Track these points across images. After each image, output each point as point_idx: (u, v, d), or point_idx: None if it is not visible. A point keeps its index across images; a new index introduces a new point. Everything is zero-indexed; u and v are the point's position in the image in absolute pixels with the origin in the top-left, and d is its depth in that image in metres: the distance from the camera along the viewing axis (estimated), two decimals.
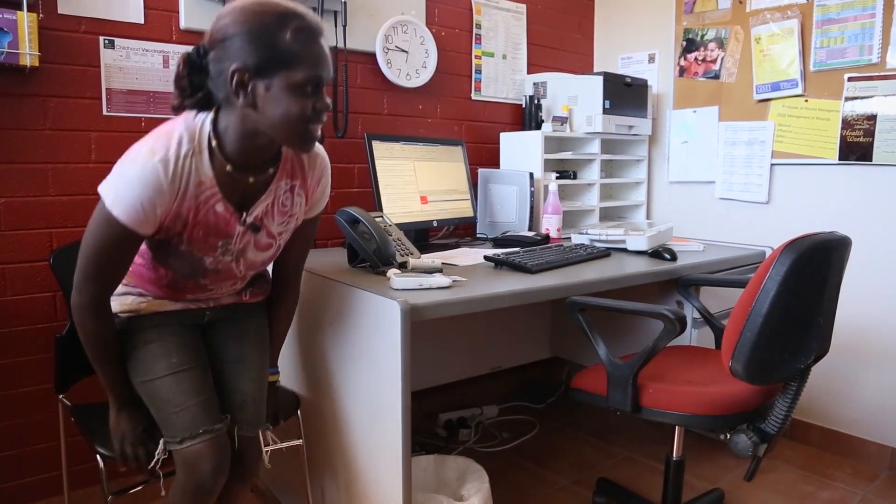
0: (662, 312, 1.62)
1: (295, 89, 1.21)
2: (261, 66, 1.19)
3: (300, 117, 1.24)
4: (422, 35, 2.73)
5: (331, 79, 1.30)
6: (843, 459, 2.62)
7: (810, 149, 2.65)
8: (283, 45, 1.19)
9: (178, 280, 1.46)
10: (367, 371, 1.67)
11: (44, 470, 2.07)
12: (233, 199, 1.35)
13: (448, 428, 2.81)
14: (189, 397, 1.45)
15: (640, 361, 1.67)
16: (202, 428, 1.44)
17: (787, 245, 1.50)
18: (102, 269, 1.31)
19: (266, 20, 1.19)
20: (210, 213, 1.33)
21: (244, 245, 1.43)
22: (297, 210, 1.50)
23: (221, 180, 1.32)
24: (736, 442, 1.68)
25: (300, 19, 1.21)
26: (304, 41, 1.20)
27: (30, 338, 2.01)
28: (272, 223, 1.45)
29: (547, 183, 2.71)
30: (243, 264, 1.48)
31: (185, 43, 2.19)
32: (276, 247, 1.52)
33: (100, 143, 2.06)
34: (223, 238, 1.38)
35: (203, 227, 1.34)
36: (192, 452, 1.43)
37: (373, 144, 2.34)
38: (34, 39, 1.81)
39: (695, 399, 1.66)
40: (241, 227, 1.39)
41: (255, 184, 1.37)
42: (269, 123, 1.25)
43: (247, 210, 1.39)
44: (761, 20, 2.77)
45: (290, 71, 1.20)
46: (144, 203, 1.23)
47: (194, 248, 1.37)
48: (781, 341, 1.56)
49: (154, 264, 1.44)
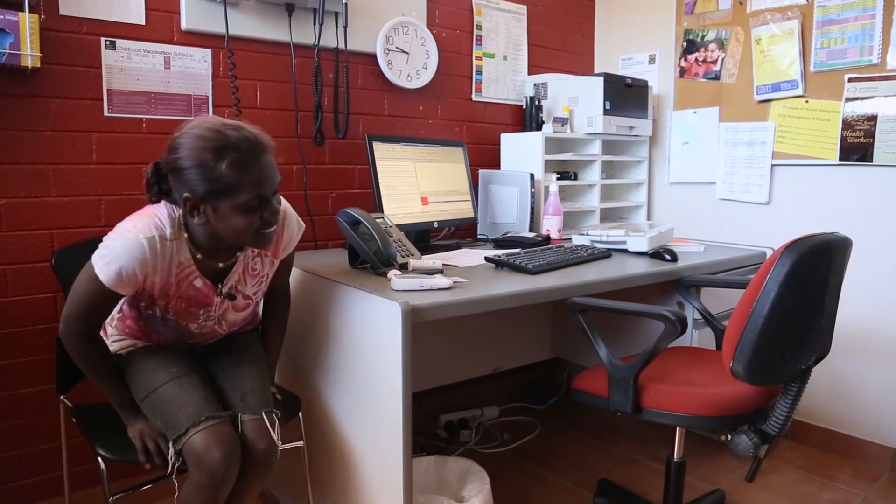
0: (663, 313, 1.62)
1: (241, 209, 1.37)
2: (207, 195, 1.35)
3: (249, 230, 1.40)
4: (422, 36, 2.74)
5: (276, 186, 1.43)
6: (845, 460, 2.62)
7: (811, 149, 2.65)
8: (223, 177, 1.33)
9: (170, 335, 1.62)
10: (367, 372, 1.67)
11: (45, 471, 2.07)
12: (209, 274, 1.53)
13: (449, 429, 2.81)
14: (190, 395, 1.52)
15: (641, 362, 1.67)
16: (205, 415, 1.48)
17: (787, 246, 1.50)
18: (87, 313, 1.46)
19: (205, 157, 1.33)
20: (190, 288, 1.51)
21: (223, 311, 1.61)
22: (266, 270, 1.66)
23: (197, 261, 1.50)
24: (737, 443, 1.68)
25: (234, 151, 1.34)
26: (240, 170, 1.34)
27: (31, 339, 2.01)
28: (245, 287, 1.63)
29: (548, 184, 2.71)
30: (225, 325, 1.67)
31: (186, 44, 2.19)
32: (254, 304, 1.69)
33: (101, 144, 2.07)
34: (203, 308, 1.56)
35: (185, 300, 1.52)
36: (200, 443, 1.44)
37: (373, 145, 2.34)
38: (35, 40, 1.81)
39: (696, 400, 1.66)
40: (219, 298, 1.57)
41: (226, 265, 1.55)
42: (224, 236, 1.43)
43: (221, 282, 1.57)
44: (762, 21, 2.77)
45: (233, 197, 1.35)
46: (127, 272, 1.39)
47: (179, 319, 1.55)
48: (782, 342, 1.56)
49: (147, 331, 1.62)
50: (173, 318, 1.54)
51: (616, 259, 2.26)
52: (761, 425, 1.68)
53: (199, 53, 2.23)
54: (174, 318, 1.54)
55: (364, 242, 1.87)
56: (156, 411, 1.53)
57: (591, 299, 1.76)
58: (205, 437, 1.45)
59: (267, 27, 2.34)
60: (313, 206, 2.53)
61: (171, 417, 1.49)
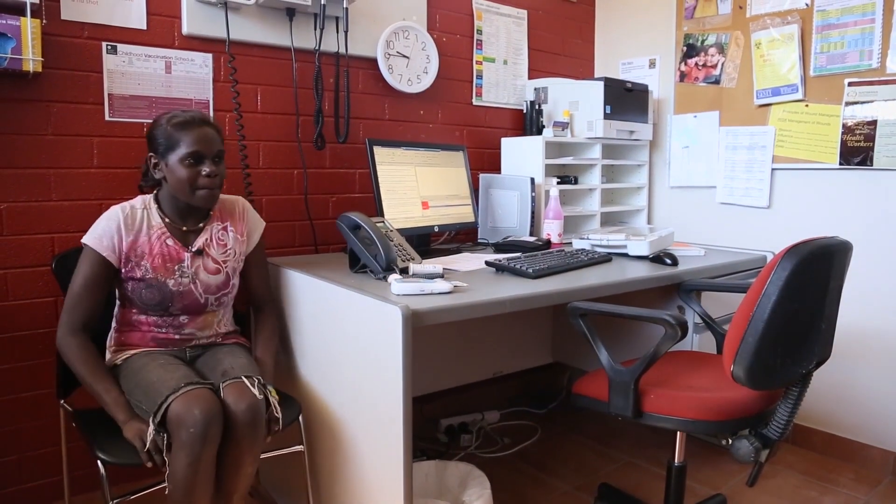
0: (664, 317, 1.61)
1: (182, 161, 1.70)
2: (160, 151, 1.72)
3: (189, 181, 1.71)
4: (423, 41, 2.74)
5: (213, 152, 1.73)
6: (846, 465, 2.61)
7: (811, 153, 2.65)
8: (171, 135, 1.70)
9: (158, 323, 1.79)
10: (368, 376, 1.67)
11: (45, 475, 2.07)
12: (178, 236, 1.80)
13: (449, 433, 2.81)
14: (173, 374, 1.63)
15: (642, 367, 1.67)
16: (185, 382, 1.57)
17: (787, 250, 1.50)
18: (79, 299, 1.69)
19: (162, 121, 1.73)
20: (163, 246, 1.77)
21: (195, 269, 1.81)
22: (234, 245, 1.89)
23: (166, 224, 1.79)
24: (738, 447, 1.68)
25: (180, 117, 1.72)
26: (182, 129, 1.70)
27: (31, 343, 2.01)
28: (213, 251, 1.84)
29: (548, 188, 2.71)
30: (200, 286, 1.81)
31: (186, 49, 2.20)
32: (224, 273, 1.86)
33: (102, 149, 2.07)
34: (177, 263, 1.78)
35: (160, 256, 1.75)
36: (180, 405, 1.51)
37: (374, 150, 2.35)
38: (37, 45, 1.82)
39: (696, 404, 1.66)
40: (189, 254, 1.80)
41: (194, 230, 1.82)
42: (174, 188, 1.73)
43: (191, 244, 1.82)
44: (761, 25, 2.78)
45: (175, 151, 1.70)
46: (107, 231, 1.70)
47: (157, 274, 1.75)
48: (783, 346, 1.55)
49: (135, 314, 1.79)
50: (152, 276, 1.74)
51: (616, 263, 2.26)
52: (762, 429, 1.68)
53: (201, 58, 2.23)
54: (153, 275, 1.74)
55: (365, 247, 1.87)
56: (143, 394, 1.61)
57: (592, 303, 1.76)
58: (184, 399, 1.52)
59: (268, 32, 2.35)
60: (314, 211, 2.54)
61: (155, 394, 1.57)
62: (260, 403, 1.62)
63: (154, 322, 1.79)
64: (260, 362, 1.85)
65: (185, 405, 1.51)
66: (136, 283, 1.74)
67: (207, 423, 1.50)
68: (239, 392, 1.61)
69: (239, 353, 1.82)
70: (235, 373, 1.68)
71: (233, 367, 1.71)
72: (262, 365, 1.85)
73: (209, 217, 1.86)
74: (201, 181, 1.72)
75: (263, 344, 1.92)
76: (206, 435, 1.50)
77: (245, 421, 1.59)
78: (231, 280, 1.88)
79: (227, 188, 2.32)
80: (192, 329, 1.84)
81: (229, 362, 1.75)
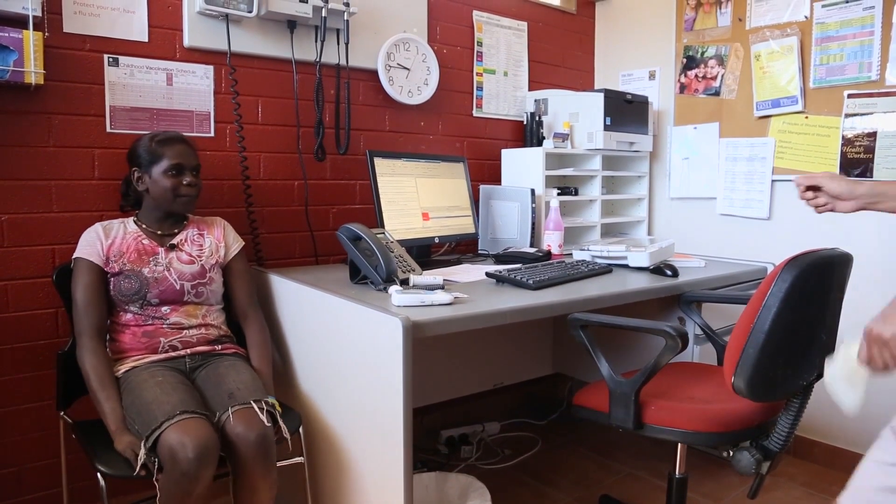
0: (664, 329, 1.61)
1: (165, 173, 1.85)
2: (144, 165, 1.87)
3: (172, 191, 1.85)
4: (423, 52, 2.75)
5: (192, 165, 1.89)
6: (847, 477, 2.59)
7: (811, 165, 2.66)
8: (152, 151, 1.85)
9: (141, 317, 1.83)
10: (368, 388, 1.66)
11: (44, 487, 2.06)
12: (153, 238, 1.91)
13: (450, 445, 2.80)
14: (170, 396, 1.62)
15: (643, 378, 1.66)
16: (180, 409, 1.56)
17: (788, 262, 1.50)
18: (84, 308, 1.77)
19: (144, 140, 1.88)
20: (139, 244, 1.88)
21: (169, 260, 1.89)
22: (212, 248, 1.98)
23: (142, 229, 1.91)
24: (739, 459, 1.66)
25: (161, 135, 1.88)
26: (161, 145, 1.86)
27: (32, 354, 2.01)
28: (188, 247, 1.94)
29: (548, 199, 2.72)
30: (174, 272, 1.88)
31: (188, 61, 2.21)
32: (199, 264, 1.92)
33: (103, 160, 2.08)
34: (151, 256, 1.87)
35: (136, 252, 1.86)
36: (174, 437, 1.49)
37: (374, 161, 2.35)
38: (39, 58, 1.83)
39: (697, 416, 1.65)
40: (164, 249, 1.90)
41: (169, 234, 1.94)
42: (157, 197, 1.87)
43: (166, 244, 1.92)
44: (761, 37, 2.79)
45: (158, 164, 1.85)
46: (90, 241, 1.82)
47: (134, 265, 1.84)
48: (784, 358, 1.55)
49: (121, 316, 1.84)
50: (129, 268, 1.83)
51: (617, 274, 2.26)
52: (763, 441, 1.67)
53: (202, 70, 2.24)
54: (130, 266, 1.83)
55: (365, 258, 1.87)
56: (136, 413, 1.61)
57: (593, 315, 1.76)
58: (178, 431, 1.50)
59: (269, 44, 2.36)
60: (314, 222, 2.54)
61: (149, 416, 1.56)
62: (270, 431, 1.63)
63: (138, 318, 1.83)
64: (259, 374, 1.86)
65: (178, 437, 1.49)
66: (116, 278, 1.82)
67: (200, 464, 1.49)
68: (248, 421, 1.62)
69: (241, 369, 1.82)
70: (242, 395, 1.68)
71: (238, 389, 1.71)
72: (262, 377, 1.85)
73: (185, 225, 1.98)
74: (183, 189, 1.87)
75: (258, 352, 1.94)
76: (197, 477, 1.49)
77: (256, 453, 1.60)
78: (207, 273, 1.93)
79: (229, 199, 2.33)
80: (178, 317, 1.86)
81: (234, 381, 1.74)
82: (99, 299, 1.79)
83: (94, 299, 1.78)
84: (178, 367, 1.82)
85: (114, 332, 1.84)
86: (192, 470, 1.47)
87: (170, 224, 1.95)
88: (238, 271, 2.02)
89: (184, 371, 1.83)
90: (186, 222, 1.99)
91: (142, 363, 1.79)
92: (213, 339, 1.92)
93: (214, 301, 1.96)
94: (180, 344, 1.85)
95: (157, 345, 1.82)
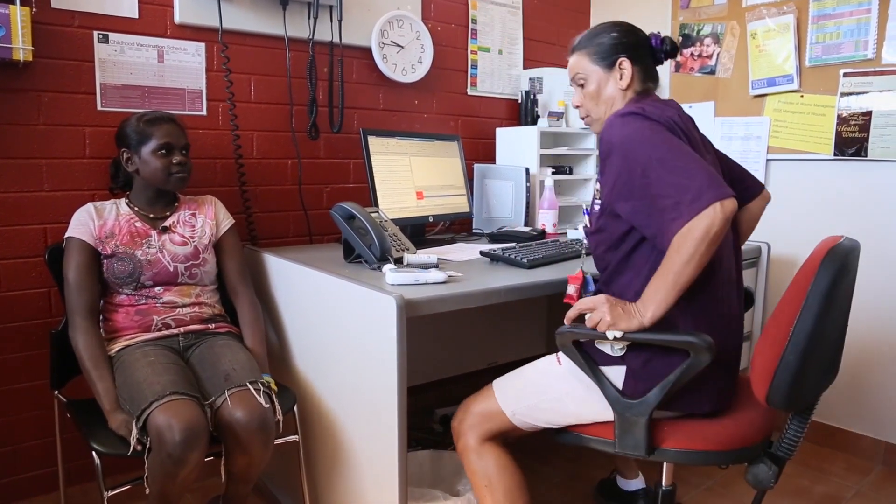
0: (691, 341, 1.35)
1: (154, 153, 1.83)
2: (133, 146, 1.85)
3: (162, 170, 1.83)
4: (417, 30, 2.73)
5: (181, 144, 1.87)
6: (838, 454, 2.63)
7: (806, 144, 2.66)
8: (142, 130, 1.83)
9: (135, 297, 1.83)
10: (362, 366, 1.67)
11: (39, 466, 2.07)
12: (145, 220, 1.89)
13: (444, 423, 2.81)
14: (161, 376, 1.62)
15: (657, 399, 1.41)
16: (170, 390, 1.55)
17: (827, 252, 1.30)
18: (77, 288, 1.75)
19: (132, 120, 1.86)
20: (132, 227, 1.86)
21: (162, 242, 1.88)
22: (200, 223, 1.97)
23: (134, 211, 1.90)
24: (756, 473, 1.49)
25: (149, 115, 1.86)
26: (150, 124, 1.83)
27: (25, 334, 2.00)
28: (181, 228, 1.93)
29: (543, 178, 2.71)
30: (168, 254, 1.87)
31: (179, 37, 2.18)
32: (192, 246, 1.91)
33: (94, 138, 2.06)
34: (144, 238, 1.86)
35: (129, 234, 1.84)
36: (162, 418, 1.49)
37: (368, 140, 2.34)
38: (27, 34, 1.80)
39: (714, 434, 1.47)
40: (156, 232, 1.88)
41: (161, 217, 1.92)
42: (148, 178, 1.86)
43: (158, 226, 1.91)
44: (757, 15, 2.77)
45: (147, 144, 1.83)
46: (82, 221, 1.81)
47: (127, 247, 1.83)
48: (818, 361, 1.36)
49: (115, 297, 1.83)
50: (122, 251, 1.81)
51: None
52: (770, 449, 1.52)
53: (193, 47, 2.22)
54: (123, 248, 1.81)
55: (359, 237, 1.87)
56: (127, 393, 1.61)
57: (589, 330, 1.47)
58: (167, 412, 1.50)
59: (261, 21, 2.33)
60: (308, 201, 2.53)
61: (139, 395, 1.56)
62: (269, 413, 1.63)
63: (131, 297, 1.82)
64: (254, 353, 1.86)
65: (165, 419, 1.48)
66: (110, 261, 1.80)
67: (186, 447, 1.48)
68: (246, 404, 1.61)
69: (236, 349, 1.82)
70: (238, 377, 1.67)
71: (234, 370, 1.70)
72: (257, 356, 1.86)
73: (176, 206, 1.96)
74: (174, 168, 1.85)
75: (251, 330, 1.94)
76: (183, 460, 1.48)
77: (255, 437, 1.61)
78: (201, 253, 1.92)
79: (222, 178, 2.31)
80: (171, 296, 1.86)
81: (229, 362, 1.74)
82: (91, 279, 1.78)
83: (87, 279, 1.76)
84: (171, 345, 1.82)
85: (107, 312, 1.84)
86: (177, 452, 1.47)
87: (161, 206, 1.93)
88: (229, 247, 2.01)
89: (177, 350, 1.83)
90: (178, 203, 1.97)
91: (135, 342, 1.78)
92: (207, 318, 1.91)
93: (208, 281, 1.95)
94: (173, 322, 1.84)
95: (149, 323, 1.82)
